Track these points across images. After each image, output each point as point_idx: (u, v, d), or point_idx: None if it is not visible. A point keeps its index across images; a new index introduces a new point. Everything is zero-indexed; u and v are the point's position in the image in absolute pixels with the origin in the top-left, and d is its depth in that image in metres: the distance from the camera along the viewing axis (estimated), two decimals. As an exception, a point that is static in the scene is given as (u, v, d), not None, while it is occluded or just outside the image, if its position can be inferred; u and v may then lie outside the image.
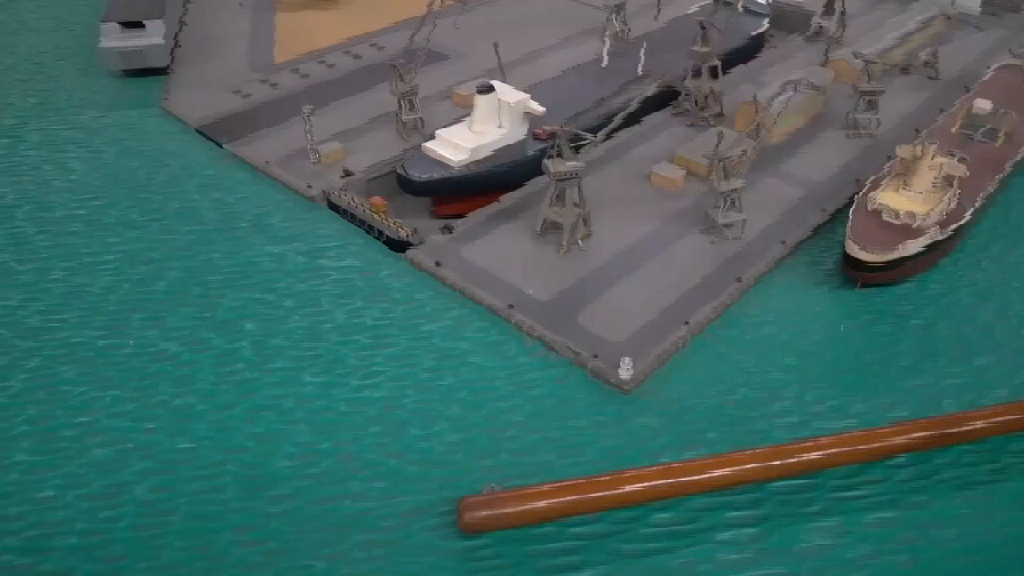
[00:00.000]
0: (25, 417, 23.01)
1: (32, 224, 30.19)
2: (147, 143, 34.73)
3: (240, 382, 24.18)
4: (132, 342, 25.47)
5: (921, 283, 28.78)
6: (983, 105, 35.05)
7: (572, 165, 27.31)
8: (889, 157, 32.37)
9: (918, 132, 35.24)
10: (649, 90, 28.65)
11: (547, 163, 27.66)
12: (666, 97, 36.25)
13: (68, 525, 20.44)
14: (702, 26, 34.36)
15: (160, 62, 38.33)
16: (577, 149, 27.94)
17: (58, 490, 21.26)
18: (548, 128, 29.28)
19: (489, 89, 30.99)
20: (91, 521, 20.60)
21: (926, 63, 39.14)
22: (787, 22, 47.59)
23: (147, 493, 21.23)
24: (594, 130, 29.34)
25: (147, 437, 22.56)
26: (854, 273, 27.82)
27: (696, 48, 34.53)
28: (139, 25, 38.74)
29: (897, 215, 28.05)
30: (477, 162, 30.83)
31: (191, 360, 24.82)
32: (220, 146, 34.42)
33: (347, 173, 31.60)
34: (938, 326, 27.22)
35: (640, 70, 35.96)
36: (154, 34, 37.92)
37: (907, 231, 27.56)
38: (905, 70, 38.92)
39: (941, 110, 36.30)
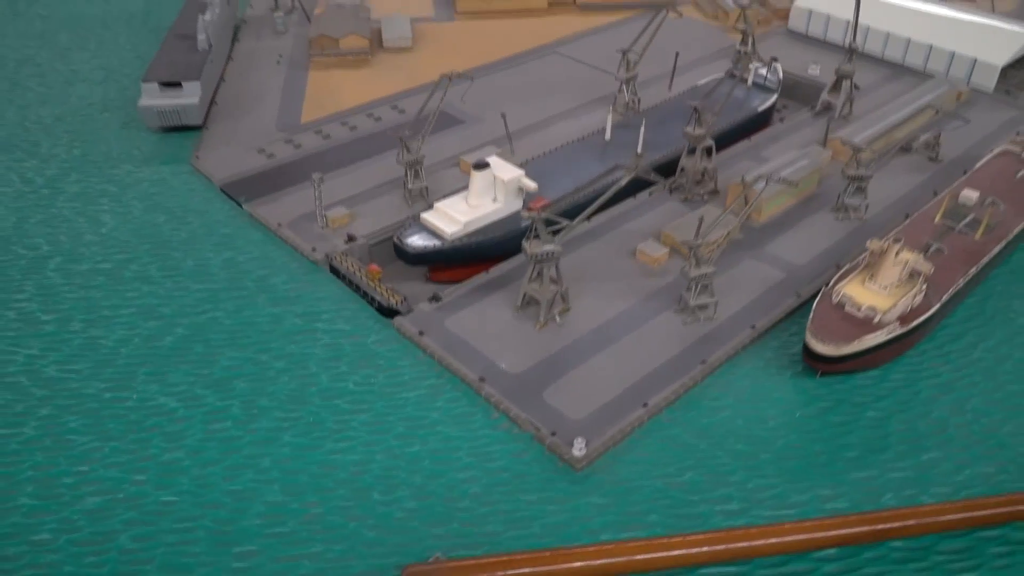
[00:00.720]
0: (32, 463, 24.96)
1: (60, 275, 32.35)
2: (174, 199, 37.04)
3: (225, 440, 25.77)
4: (135, 395, 27.22)
5: (884, 373, 29.15)
6: (970, 195, 35.36)
7: (548, 248, 28.69)
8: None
9: (907, 216, 35.25)
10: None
11: (525, 244, 29.02)
12: (666, 171, 36.76)
13: (57, 568, 22.05)
14: (696, 109, 35.40)
15: (195, 120, 40.84)
16: (555, 232, 29.16)
17: (52, 534, 22.92)
18: (534, 206, 29.96)
19: (485, 166, 32.88)
20: (78, 565, 22.20)
21: (927, 145, 39.16)
22: (801, 93, 48.05)
23: (130, 542, 22.78)
24: (582, 208, 30.40)
25: (135, 488, 24.18)
26: (813, 363, 28.35)
27: (690, 130, 35.71)
28: (177, 85, 41.40)
29: (859, 308, 28.62)
30: (470, 234, 32.56)
31: (185, 416, 26.60)
32: (239, 205, 36.55)
33: (350, 238, 33.50)
34: (892, 418, 27.54)
35: (639, 148, 35.59)
36: (190, 94, 40.28)
37: (867, 325, 28.06)
38: (907, 149, 39.29)
39: (935, 193, 36.39)
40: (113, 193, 36.61)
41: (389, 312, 30.50)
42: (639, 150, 37.29)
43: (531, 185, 33.17)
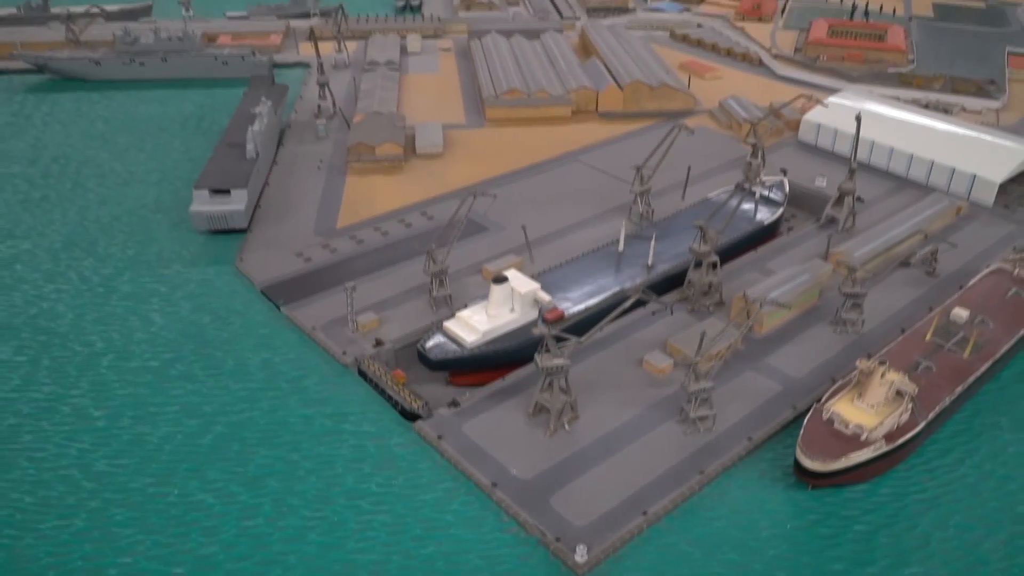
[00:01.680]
0: (81, 554, 26.62)
1: (112, 372, 34.38)
2: (218, 300, 39.02)
3: (257, 536, 27.37)
4: (176, 491, 28.76)
5: (873, 487, 29.94)
6: (960, 313, 36.24)
7: (558, 362, 30.14)
8: (869, 355, 33.08)
9: (903, 331, 35.91)
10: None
11: (537, 357, 30.48)
12: (677, 281, 38.44)
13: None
14: (700, 228, 36.44)
15: (240, 224, 43.43)
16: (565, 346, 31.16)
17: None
18: (549, 317, 33.24)
19: (503, 280, 34.86)
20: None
21: (924, 260, 39.86)
22: (808, 204, 48.38)
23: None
24: (594, 318, 31.67)
25: (174, 581, 28.54)
26: (803, 477, 29.33)
27: (695, 246, 36.97)
28: (226, 192, 44.01)
29: (847, 425, 29.78)
30: (488, 343, 34.36)
31: (221, 511, 28.28)
32: (278, 307, 38.31)
33: (378, 343, 35.40)
34: (879, 532, 28.42)
35: (650, 260, 38.07)
36: (237, 201, 43.19)
37: (854, 442, 29.10)
38: (906, 264, 40.07)
39: (930, 308, 36.90)
40: (163, 293, 38.73)
41: (411, 416, 31.97)
42: (649, 262, 38.82)
43: (545, 298, 35.31)
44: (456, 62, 64.64)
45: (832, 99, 52.36)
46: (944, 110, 54.43)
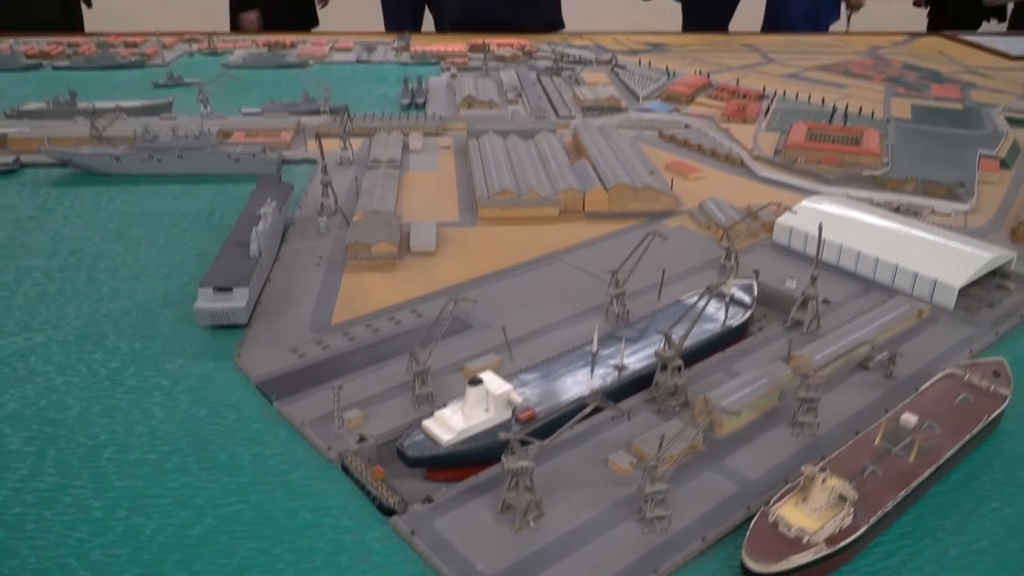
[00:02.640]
0: None
1: (112, 464, 34.93)
2: (215, 394, 39.63)
3: None
4: None
5: None
6: (909, 419, 36.38)
7: (523, 464, 31.20)
8: (823, 457, 33.89)
9: (857, 433, 35.96)
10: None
11: (504, 459, 31.46)
12: (648, 381, 38.81)
13: None
14: (666, 336, 37.52)
15: (241, 320, 44.47)
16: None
17: None
18: (521, 417, 34.23)
19: (479, 382, 36.07)
20: None
21: (882, 364, 40.20)
22: (779, 305, 49.14)
23: None
24: (563, 419, 32.56)
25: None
26: None
27: (661, 351, 37.85)
28: (228, 290, 45.22)
29: (790, 528, 30.22)
30: (463, 442, 35.17)
31: None
32: (271, 402, 39.08)
33: (362, 439, 36.22)
34: None
35: (620, 362, 39.18)
36: (239, 299, 44.47)
37: (796, 544, 29.45)
38: (865, 367, 40.94)
39: (886, 411, 37.24)
40: (164, 387, 39.32)
41: (388, 511, 32.67)
42: (620, 363, 40.30)
43: (517, 399, 36.35)
44: (454, 160, 66.08)
45: (805, 203, 53.35)
46: (915, 212, 55.43)
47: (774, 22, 79.98)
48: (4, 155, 15.11)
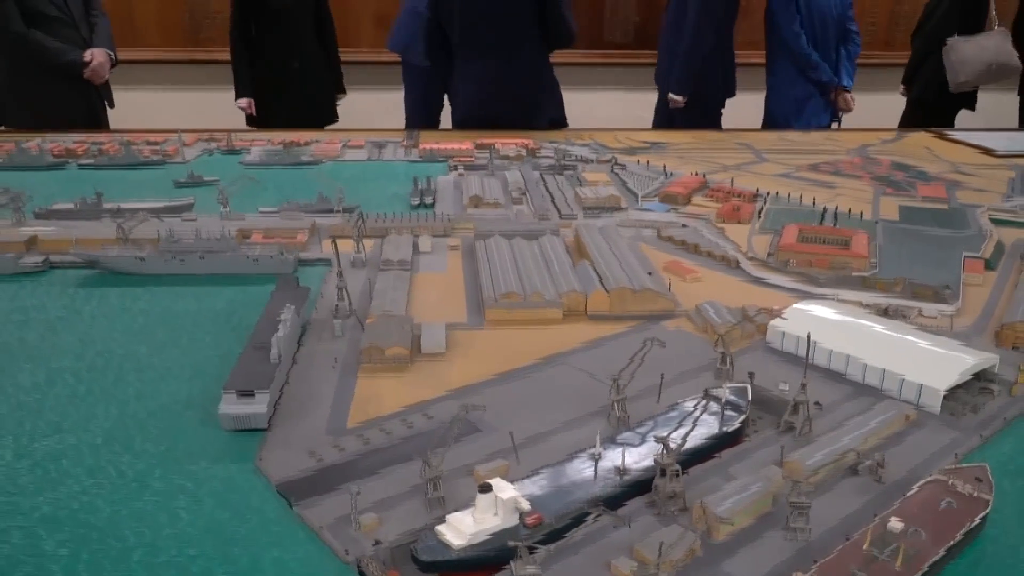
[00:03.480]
0: None
1: (142, 568, 31.63)
2: (238, 497, 36.69)
3: None
4: None
5: None
6: (895, 524, 34.92)
7: (530, 570, 29.55)
8: (814, 562, 32.83)
9: (847, 538, 34.66)
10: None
11: (512, 564, 29.98)
12: (645, 486, 37.60)
13: None
14: (664, 443, 35.92)
15: (261, 423, 42.98)
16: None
17: None
18: (529, 522, 32.18)
19: (487, 488, 35.30)
20: None
21: (871, 469, 38.72)
22: (773, 407, 45.77)
23: None
24: (572, 523, 31.64)
25: None
26: None
27: (659, 457, 36.45)
28: (250, 394, 43.93)
29: None
30: (474, 546, 34.77)
31: None
32: (290, 505, 37.13)
33: (377, 542, 35.47)
34: None
35: (622, 467, 36.43)
36: (260, 402, 42.99)
37: None
38: (854, 471, 39.15)
39: (875, 515, 36.40)
40: (189, 490, 36.41)
41: None
42: (621, 468, 39.01)
43: (524, 505, 34.92)
44: (462, 260, 57.66)
45: (797, 306, 50.22)
46: (903, 314, 53.62)
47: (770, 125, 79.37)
48: (34, 255, 15.17)
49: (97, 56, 6.61)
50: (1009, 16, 9.36)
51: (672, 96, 7.78)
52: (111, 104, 7.29)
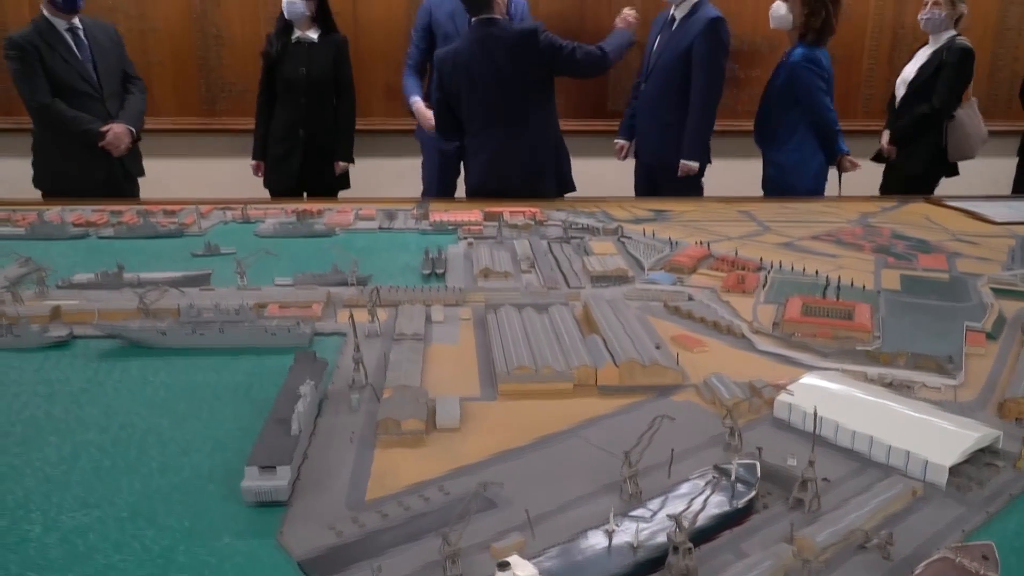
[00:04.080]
0: None
1: None
2: (261, 572, 36.20)
3: None
4: None
5: None
6: None
7: None
8: None
9: None
10: None
11: None
12: (658, 562, 37.37)
13: None
14: (676, 521, 36.00)
15: (283, 498, 42.72)
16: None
17: None
18: None
19: (507, 567, 35.26)
20: None
21: (879, 545, 38.69)
22: (782, 481, 46.01)
23: None
24: None
25: None
26: None
27: (672, 534, 36.17)
28: (272, 469, 44.30)
29: None
30: None
31: None
32: None
33: None
34: None
35: (635, 543, 36.33)
36: (282, 477, 42.99)
37: None
38: (863, 548, 39.04)
39: None
40: (213, 565, 36.09)
41: None
42: (634, 544, 38.87)
43: None
44: (473, 331, 60.25)
45: (803, 380, 50.22)
46: (907, 387, 53.44)
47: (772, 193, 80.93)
48: (58, 327, 15.15)
49: (115, 129, 6.70)
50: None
51: (688, 164, 7.89)
52: (139, 174, 7.47)
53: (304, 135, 7.03)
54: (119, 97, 6.39)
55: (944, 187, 7.51)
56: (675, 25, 6.26)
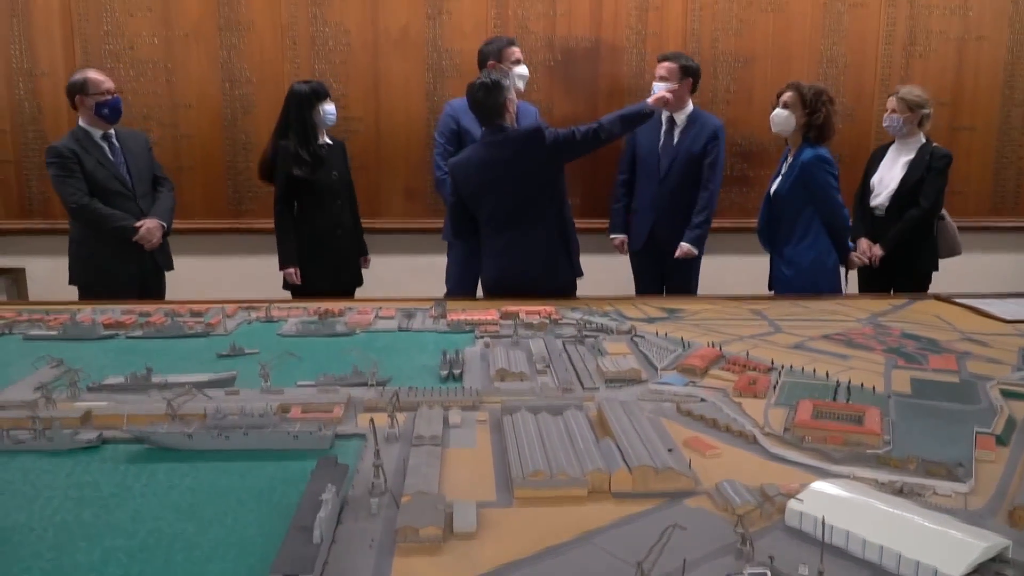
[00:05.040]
0: None
1: None
2: None
3: None
4: None
5: None
6: None
7: None
8: None
9: None
10: None
11: None
12: None
13: None
14: None
15: None
16: None
17: None
18: None
19: None
20: None
21: None
22: None
23: None
24: None
25: None
26: None
27: None
28: None
29: None
30: None
31: None
32: None
33: None
34: None
35: None
36: None
37: None
38: None
39: None
40: None
41: None
42: None
43: None
44: (490, 435, 60.79)
45: (814, 486, 49.56)
46: (917, 493, 52.99)
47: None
48: (89, 431, 14.63)
49: (148, 224, 6.76)
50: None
51: (691, 248, 7.91)
52: (169, 268, 7.53)
53: (342, 234, 7.10)
54: (150, 196, 6.54)
55: (954, 284, 7.40)
56: (680, 130, 6.36)
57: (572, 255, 6.61)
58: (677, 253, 7.43)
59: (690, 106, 6.67)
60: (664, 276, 8.02)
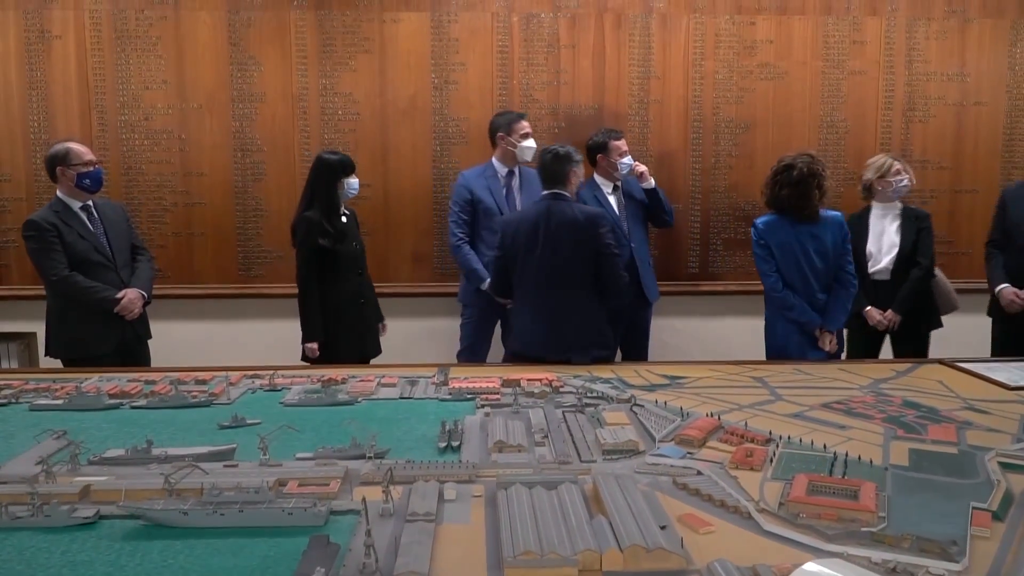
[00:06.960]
0: None
1: None
2: None
3: None
4: None
5: None
6: None
7: None
8: None
9: None
10: None
11: None
12: None
13: None
14: None
15: None
16: None
17: None
18: None
19: None
20: None
21: None
22: None
23: None
24: None
25: None
26: None
27: None
28: None
29: None
30: None
31: None
32: None
33: None
34: None
35: None
36: None
37: None
38: None
39: None
40: None
41: None
42: None
43: None
44: (484, 509, 59.99)
45: (807, 567, 48.85)
46: (911, 573, 52.34)
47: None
48: (86, 507, 13.94)
49: (128, 294, 6.70)
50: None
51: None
52: (148, 336, 7.48)
53: (364, 304, 7.12)
54: (129, 267, 6.50)
55: (961, 347, 7.40)
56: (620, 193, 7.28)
57: (604, 332, 6.57)
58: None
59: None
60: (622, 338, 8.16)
